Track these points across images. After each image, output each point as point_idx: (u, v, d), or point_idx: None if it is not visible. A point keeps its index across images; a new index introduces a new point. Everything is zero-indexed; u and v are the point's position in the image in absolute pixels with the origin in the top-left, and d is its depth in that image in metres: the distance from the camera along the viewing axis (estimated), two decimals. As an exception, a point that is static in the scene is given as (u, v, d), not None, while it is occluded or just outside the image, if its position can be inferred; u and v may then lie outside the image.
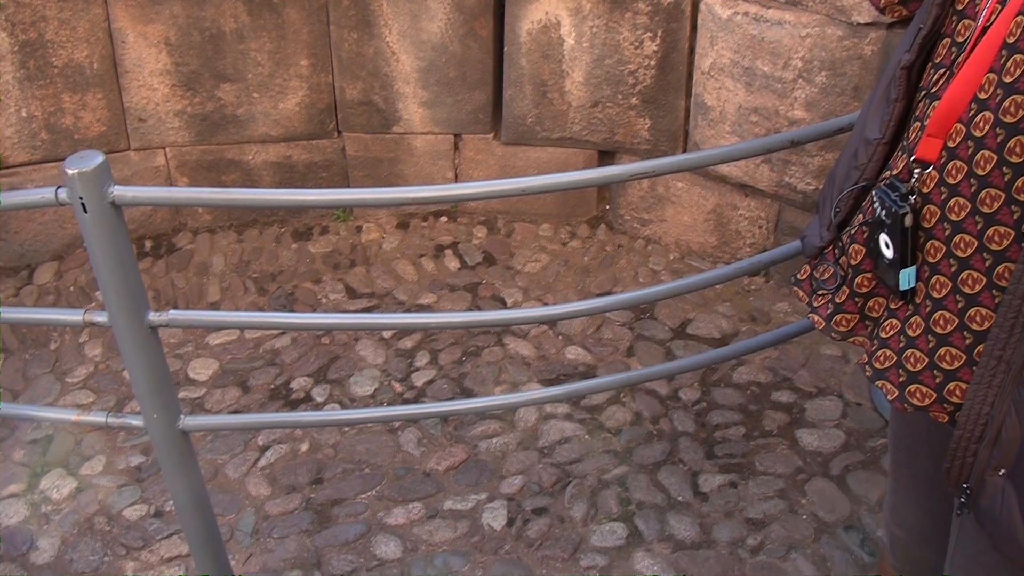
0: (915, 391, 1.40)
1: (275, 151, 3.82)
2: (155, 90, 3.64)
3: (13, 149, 3.65)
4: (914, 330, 1.39)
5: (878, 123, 1.47)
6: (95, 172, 1.85)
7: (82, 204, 1.88)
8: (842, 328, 1.55)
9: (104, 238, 1.91)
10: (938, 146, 1.33)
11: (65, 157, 3.73)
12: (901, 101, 1.44)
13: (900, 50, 1.45)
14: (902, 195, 1.36)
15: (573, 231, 3.83)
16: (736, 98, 3.30)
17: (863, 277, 1.48)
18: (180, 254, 3.78)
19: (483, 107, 3.72)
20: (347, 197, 2.40)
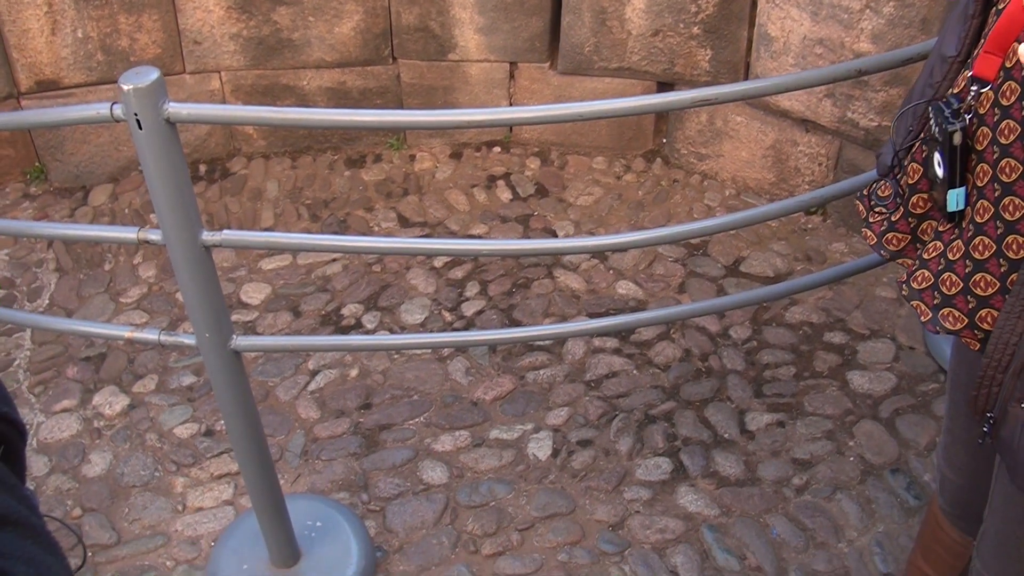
0: (948, 314, 1.38)
1: (330, 77, 3.79)
2: (210, 12, 3.63)
3: (69, 70, 3.67)
4: (954, 253, 1.36)
5: (955, 39, 1.43)
6: (150, 88, 1.85)
7: (137, 120, 1.88)
8: (892, 247, 1.52)
9: (159, 156, 1.92)
10: (996, 64, 1.28)
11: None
12: (978, 17, 1.39)
13: None
14: (954, 111, 1.32)
15: (628, 164, 3.77)
16: (801, 28, 3.20)
17: (919, 197, 1.45)
18: (234, 179, 3.80)
19: (540, 35, 3.66)
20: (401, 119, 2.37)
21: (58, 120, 2.00)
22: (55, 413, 2.91)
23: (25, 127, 3.64)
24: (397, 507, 2.58)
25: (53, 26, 3.56)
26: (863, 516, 2.49)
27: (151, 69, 1.90)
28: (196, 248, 2.04)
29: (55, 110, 2.60)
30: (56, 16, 3.55)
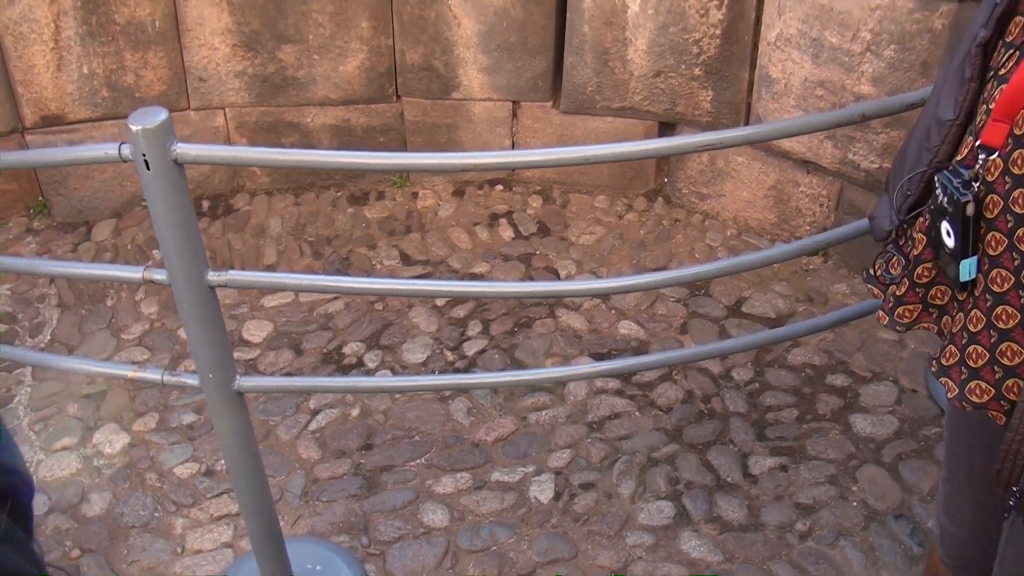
0: (975, 387, 1.35)
1: (334, 114, 3.81)
2: (216, 50, 3.65)
3: (74, 105, 3.68)
4: (975, 324, 1.34)
5: (952, 103, 1.41)
6: (159, 129, 1.85)
7: (145, 161, 1.88)
8: (906, 319, 1.50)
9: (166, 196, 1.92)
10: (1004, 132, 1.27)
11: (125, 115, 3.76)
12: (976, 80, 1.38)
13: (976, 25, 1.38)
14: (964, 182, 1.30)
15: (630, 204, 3.78)
16: (802, 71, 3.22)
17: (923, 267, 1.44)
18: (237, 215, 3.80)
19: (543, 74, 3.68)
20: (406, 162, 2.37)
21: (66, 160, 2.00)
22: (55, 451, 2.89)
23: (33, 166, 3.66)
24: (397, 551, 2.55)
25: (59, 62, 3.58)
26: (867, 564, 2.47)
27: (160, 110, 1.90)
28: (201, 288, 2.04)
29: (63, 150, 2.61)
30: (62, 52, 3.57)
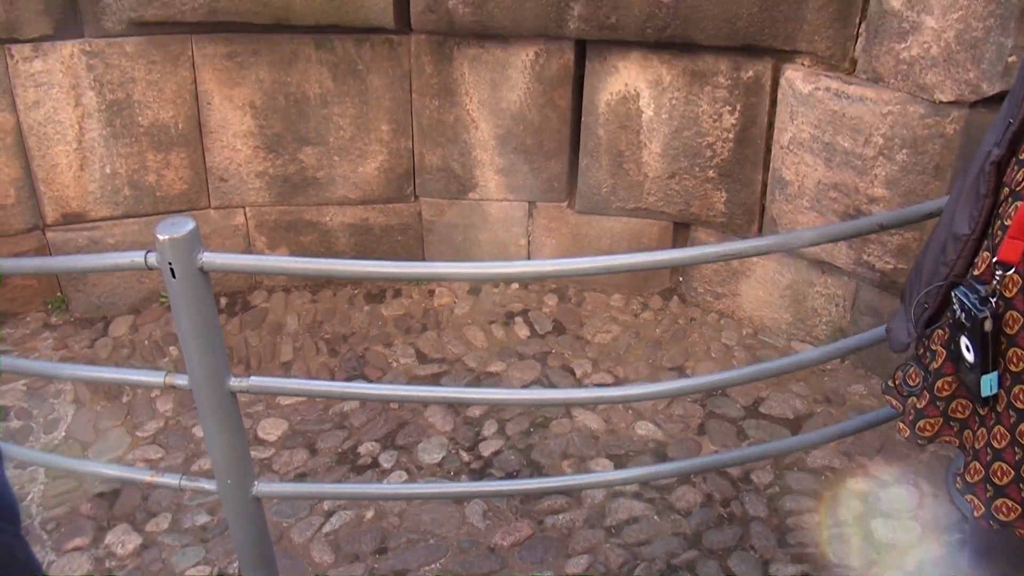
0: (1001, 505, 1.35)
1: (352, 213, 3.87)
2: (238, 151, 3.72)
3: (95, 204, 3.74)
4: (999, 441, 1.34)
5: (967, 218, 1.43)
6: (186, 239, 1.89)
7: (171, 269, 1.91)
8: (927, 433, 1.50)
9: (190, 303, 1.94)
10: (1021, 248, 1.28)
11: (146, 213, 3.85)
12: (991, 196, 1.40)
13: (988, 142, 1.41)
14: (982, 298, 1.32)
15: (645, 302, 3.80)
16: (815, 173, 3.26)
17: (944, 381, 1.44)
18: (254, 312, 3.82)
19: (558, 175, 3.73)
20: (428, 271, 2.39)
21: (93, 267, 2.04)
22: (66, 552, 2.86)
23: (60, 272, 3.70)
24: (413, 658, 2.51)
25: (82, 162, 3.65)
26: (894, 675, 2.41)
27: (187, 220, 1.93)
28: (223, 394, 2.04)
29: (90, 257, 2.65)
30: (85, 152, 3.64)
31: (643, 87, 3.45)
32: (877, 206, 3.13)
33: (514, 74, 3.52)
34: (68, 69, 3.50)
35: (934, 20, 2.83)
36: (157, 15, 3.38)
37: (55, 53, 3.47)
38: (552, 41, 3.43)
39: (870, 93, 3.04)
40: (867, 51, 3.05)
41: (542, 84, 3.53)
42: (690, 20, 3.18)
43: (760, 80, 3.34)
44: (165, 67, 3.55)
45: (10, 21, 3.38)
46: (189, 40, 3.52)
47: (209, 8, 3.34)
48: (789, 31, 3.15)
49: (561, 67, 3.49)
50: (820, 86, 3.15)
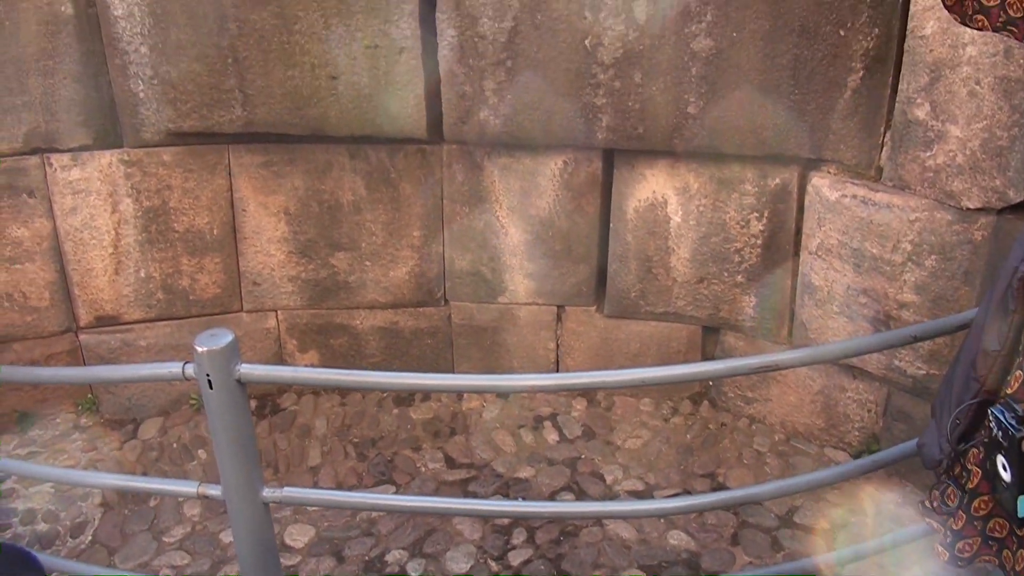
0: None
1: (383, 317, 3.90)
2: (272, 256, 3.78)
3: (129, 307, 3.79)
4: None
5: (996, 334, 1.43)
6: (224, 351, 1.91)
7: (208, 381, 1.93)
8: (966, 554, 1.48)
9: (226, 414, 1.95)
10: None
11: (179, 316, 3.89)
12: (1020, 312, 1.41)
13: (1016, 257, 1.42)
14: (1019, 418, 1.31)
15: (675, 407, 3.78)
16: (844, 279, 3.27)
17: (980, 500, 1.42)
18: (284, 415, 3.83)
19: (587, 280, 3.76)
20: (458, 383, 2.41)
21: (129, 378, 2.06)
22: (90, 663, 2.82)
23: (97, 382, 3.74)
24: None
25: (117, 266, 3.72)
26: None
27: (225, 332, 1.96)
28: (256, 505, 2.04)
29: (127, 368, 2.68)
30: (121, 257, 3.71)
31: (671, 194, 3.50)
32: (907, 311, 3.13)
33: (543, 181, 3.58)
34: (106, 177, 3.59)
35: (959, 129, 2.87)
36: (195, 126, 3.48)
37: (94, 162, 3.57)
38: (581, 150, 3.50)
39: (897, 200, 3.06)
40: (893, 159, 3.09)
41: (571, 191, 3.58)
42: (716, 130, 3.24)
43: (787, 187, 3.38)
44: (202, 175, 3.64)
45: (50, 132, 3.49)
46: (226, 150, 3.62)
47: (246, 120, 3.44)
48: (815, 140, 3.20)
49: (589, 175, 3.55)
50: (847, 193, 3.18)
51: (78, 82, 3.45)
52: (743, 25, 3.07)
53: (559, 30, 3.19)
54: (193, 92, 3.41)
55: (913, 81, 2.94)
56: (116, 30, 3.36)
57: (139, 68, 3.41)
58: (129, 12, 3.32)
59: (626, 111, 3.28)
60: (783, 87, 3.13)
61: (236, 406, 1.95)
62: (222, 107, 3.42)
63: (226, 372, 1.90)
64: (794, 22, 3.03)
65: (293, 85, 3.35)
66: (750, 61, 3.12)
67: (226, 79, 3.37)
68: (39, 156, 3.54)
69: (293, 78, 3.34)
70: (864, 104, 3.10)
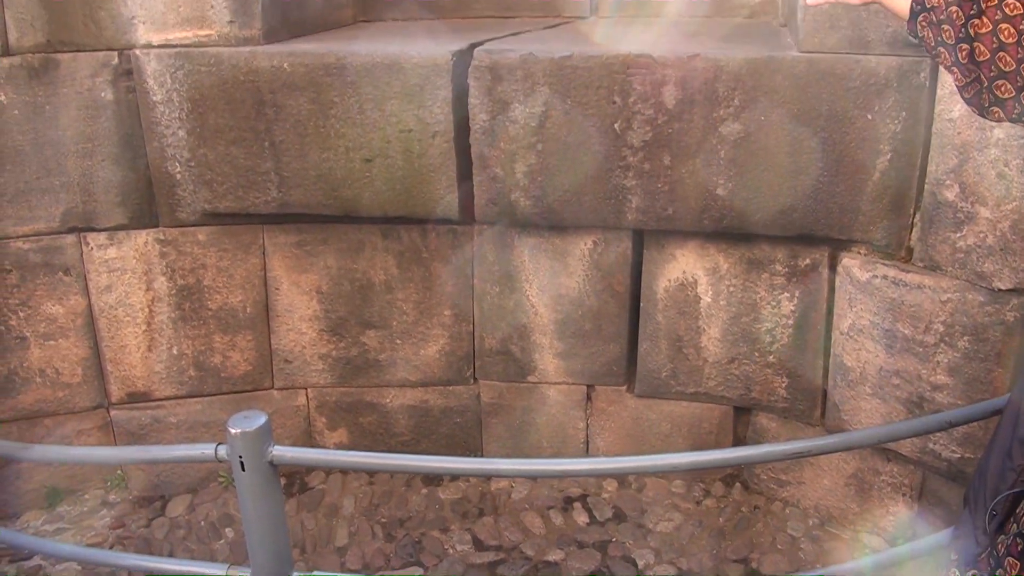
0: None
1: (412, 395, 3.90)
2: (303, 334, 3.81)
3: (160, 383, 3.82)
4: None
5: None
6: (257, 433, 1.92)
7: (241, 463, 1.93)
8: None
9: (258, 496, 1.96)
10: None
11: (210, 393, 3.92)
12: None
13: None
14: None
15: (707, 489, 3.73)
16: (876, 360, 3.25)
17: None
18: (312, 493, 3.82)
19: (617, 359, 3.76)
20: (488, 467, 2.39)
21: (162, 459, 2.07)
22: None
23: (130, 463, 3.75)
24: None
25: (150, 343, 3.76)
26: None
27: (259, 414, 1.97)
28: (285, 589, 2.03)
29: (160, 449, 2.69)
30: (154, 334, 3.75)
31: (701, 274, 3.51)
32: (941, 393, 3.10)
33: (573, 261, 3.60)
34: (141, 256, 3.65)
35: (988, 211, 2.87)
36: (231, 207, 3.54)
37: (130, 241, 3.64)
38: (610, 230, 3.52)
39: (928, 281, 3.05)
40: (923, 240, 3.09)
41: (600, 271, 3.60)
42: (745, 212, 3.26)
43: (817, 268, 3.38)
44: (236, 255, 3.69)
45: (87, 211, 3.57)
46: (261, 229, 3.68)
47: (281, 202, 3.50)
48: (844, 221, 3.21)
49: (619, 255, 3.57)
50: (877, 274, 3.18)
51: (116, 164, 3.53)
52: (771, 109, 3.11)
53: (589, 114, 3.24)
54: (230, 174, 3.48)
55: (942, 163, 2.96)
56: (155, 115, 3.45)
57: (177, 151, 3.49)
58: (168, 98, 3.42)
59: (655, 192, 3.31)
60: (811, 169, 3.16)
61: (268, 488, 1.96)
62: (258, 189, 3.49)
63: (259, 454, 1.91)
64: (821, 106, 3.07)
65: (328, 167, 3.41)
66: (778, 144, 3.15)
67: (262, 162, 3.44)
68: (76, 235, 3.61)
69: (328, 160, 3.41)
70: (893, 186, 3.11)
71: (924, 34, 1.64)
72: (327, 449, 3.85)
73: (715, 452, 1.86)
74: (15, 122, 3.43)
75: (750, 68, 3.10)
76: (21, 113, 3.42)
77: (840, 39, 3.03)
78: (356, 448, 3.92)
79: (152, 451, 2.60)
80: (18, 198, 3.51)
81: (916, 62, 2.95)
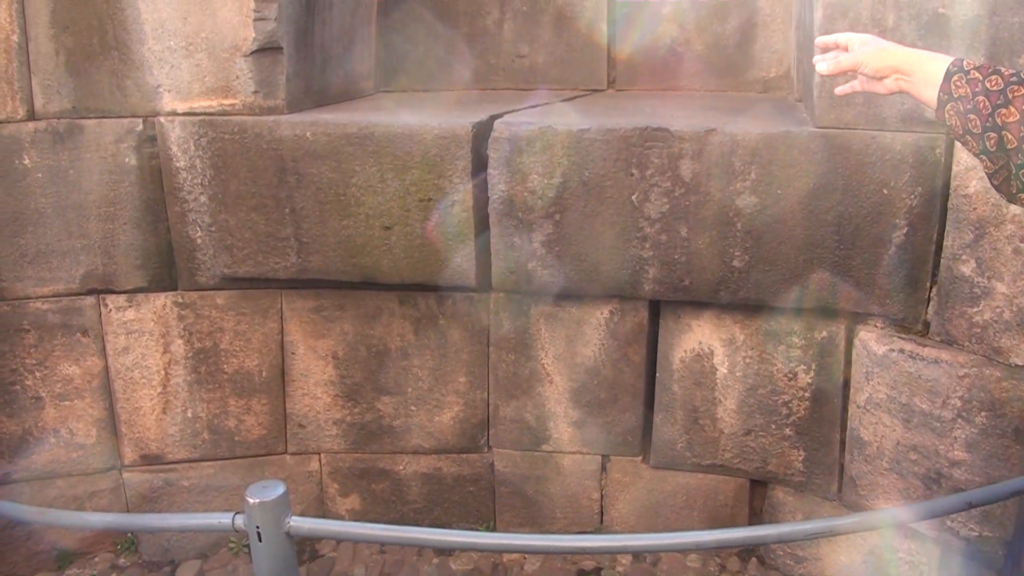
0: None
1: (426, 462, 3.89)
2: (318, 399, 3.81)
3: (174, 446, 3.82)
4: None
5: None
6: (275, 503, 1.92)
7: (258, 533, 1.93)
8: None
9: (274, 567, 1.95)
10: None
11: (224, 457, 3.92)
12: None
13: None
14: None
15: (723, 564, 3.68)
16: (893, 434, 3.22)
17: None
18: (322, 562, 3.78)
19: (632, 430, 3.74)
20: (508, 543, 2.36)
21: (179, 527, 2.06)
22: None
23: (146, 531, 3.73)
24: None
25: (165, 405, 3.76)
26: None
27: (277, 483, 1.97)
28: (298, 663, 2.00)
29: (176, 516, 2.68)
30: (169, 397, 3.76)
31: (717, 345, 3.51)
32: (958, 470, 3.07)
33: (589, 330, 3.61)
34: (160, 318, 3.68)
35: (1005, 286, 2.87)
36: (250, 272, 3.57)
37: (148, 304, 3.67)
38: (627, 300, 3.54)
39: (945, 355, 3.04)
40: (940, 314, 3.09)
41: (616, 340, 3.61)
42: (762, 284, 3.27)
43: (834, 340, 3.38)
44: (254, 319, 3.72)
45: (107, 274, 3.61)
46: (279, 294, 3.70)
47: (300, 267, 3.53)
48: (861, 294, 3.21)
49: (635, 324, 3.58)
50: (894, 348, 3.17)
51: (137, 227, 3.57)
52: (787, 183, 3.14)
53: (606, 186, 3.27)
54: (250, 239, 3.52)
55: (958, 238, 2.97)
56: (178, 180, 3.50)
57: (198, 216, 3.53)
58: (191, 164, 3.47)
59: (672, 263, 3.33)
60: (828, 242, 3.17)
61: (284, 559, 1.95)
62: (277, 254, 3.52)
63: (276, 525, 1.91)
64: (837, 180, 3.10)
65: (347, 234, 3.45)
66: (794, 217, 3.17)
67: (282, 228, 3.48)
68: (95, 297, 3.65)
69: (348, 227, 3.44)
70: (909, 259, 3.12)
71: (952, 122, 1.67)
72: (344, 521, 3.83)
73: (731, 531, 1.84)
74: (38, 185, 3.48)
75: (766, 143, 3.13)
76: (45, 176, 3.48)
77: (856, 115, 3.07)
78: (368, 515, 3.89)
79: (169, 519, 2.59)
80: (39, 259, 3.55)
81: (931, 138, 2.98)
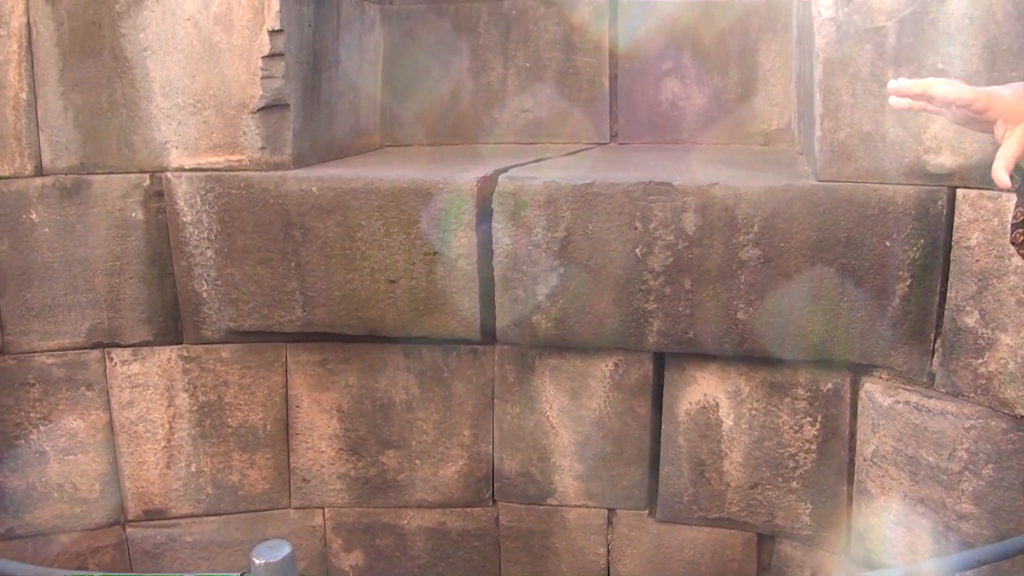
0: None
1: (430, 516, 3.86)
2: (322, 453, 3.81)
3: (177, 501, 3.81)
4: None
5: None
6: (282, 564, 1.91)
7: (264, 595, 1.91)
8: None
9: (280, 629, 1.93)
10: None
11: (227, 512, 3.90)
12: None
13: None
14: None
15: (730, 619, 3.65)
16: (900, 487, 3.21)
17: None
18: (326, 618, 3.76)
19: (638, 483, 3.72)
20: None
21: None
22: None
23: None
24: None
25: (169, 460, 3.76)
26: None
27: (283, 543, 1.96)
28: None
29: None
30: (173, 451, 3.75)
31: (722, 397, 3.51)
32: (966, 523, 3.05)
33: (593, 383, 3.61)
34: (164, 372, 3.69)
35: (1009, 337, 2.88)
36: (256, 325, 3.59)
37: (153, 357, 3.68)
38: (631, 353, 3.54)
39: (951, 407, 3.04)
40: (945, 365, 3.09)
41: (621, 393, 3.60)
42: (766, 336, 3.28)
43: (840, 392, 3.37)
44: (259, 372, 3.72)
45: (113, 327, 3.62)
46: (284, 348, 3.71)
47: (305, 321, 3.54)
48: (866, 346, 3.22)
49: (640, 377, 3.58)
50: (900, 399, 3.17)
51: (143, 282, 3.60)
52: (790, 236, 3.16)
53: (610, 239, 3.29)
54: (256, 293, 3.53)
55: (961, 289, 2.98)
56: (184, 235, 3.53)
57: (204, 270, 3.55)
58: (198, 219, 3.50)
59: (676, 316, 3.34)
60: (831, 294, 3.18)
61: (290, 620, 1.93)
62: (283, 308, 3.54)
63: (282, 586, 1.89)
64: (840, 233, 3.11)
65: (352, 288, 3.47)
66: (798, 269, 3.18)
67: (288, 281, 3.50)
68: (100, 350, 3.66)
69: (353, 281, 3.46)
70: (913, 311, 3.13)
71: None
72: (349, 578, 3.80)
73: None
74: (45, 239, 3.51)
75: (769, 196, 3.16)
76: (52, 231, 3.51)
77: (857, 168, 3.10)
78: (372, 570, 3.87)
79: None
80: (44, 313, 3.57)
81: (933, 191, 3.00)
